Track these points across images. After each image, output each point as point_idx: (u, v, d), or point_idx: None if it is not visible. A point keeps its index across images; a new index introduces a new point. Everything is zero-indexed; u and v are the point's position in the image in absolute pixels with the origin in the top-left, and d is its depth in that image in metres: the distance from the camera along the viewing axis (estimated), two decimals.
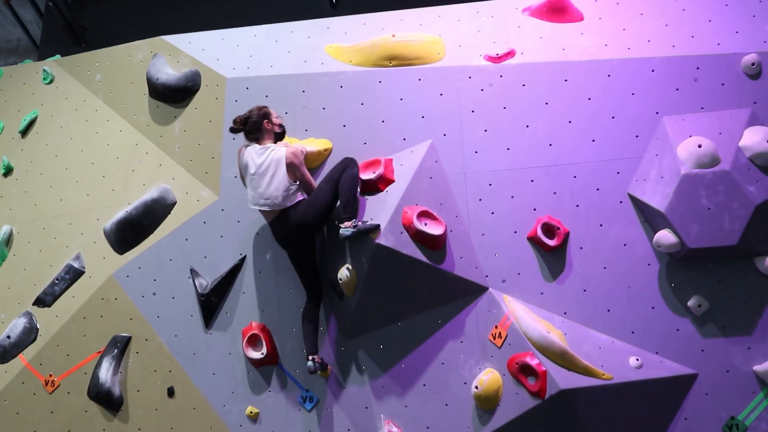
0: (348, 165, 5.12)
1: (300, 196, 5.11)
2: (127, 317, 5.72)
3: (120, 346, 5.67)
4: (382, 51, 5.64)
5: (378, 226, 4.93)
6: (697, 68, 5.22)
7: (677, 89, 5.21)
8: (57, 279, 5.93)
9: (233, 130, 5.22)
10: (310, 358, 5.11)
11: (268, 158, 5.05)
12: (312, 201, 5.06)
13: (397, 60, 5.62)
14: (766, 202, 4.74)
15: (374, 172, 5.27)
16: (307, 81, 5.70)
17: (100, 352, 5.71)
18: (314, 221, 5.05)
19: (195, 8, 8.71)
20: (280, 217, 5.06)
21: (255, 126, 5.15)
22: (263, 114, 5.18)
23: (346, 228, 4.86)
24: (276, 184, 5.01)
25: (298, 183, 5.08)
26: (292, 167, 5.03)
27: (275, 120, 5.23)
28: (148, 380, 5.63)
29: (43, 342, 5.84)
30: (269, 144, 5.15)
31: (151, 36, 6.30)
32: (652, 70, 5.28)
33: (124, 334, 5.71)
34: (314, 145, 5.51)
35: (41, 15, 9.34)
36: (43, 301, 5.94)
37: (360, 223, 4.91)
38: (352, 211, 4.99)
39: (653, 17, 5.47)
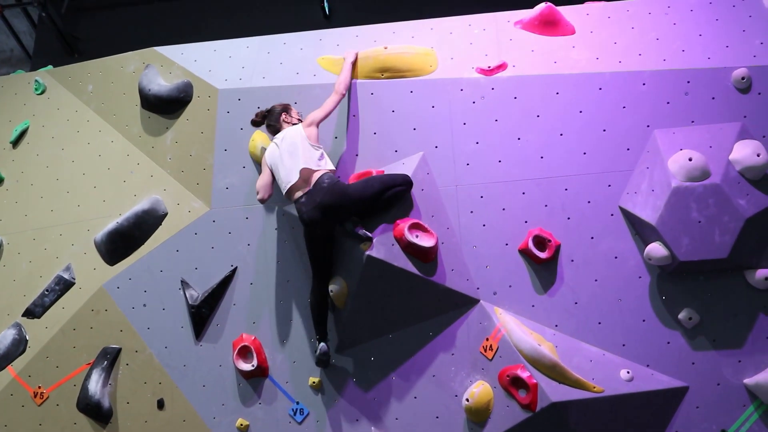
0: (404, 183, 5.13)
1: (325, 157, 5.15)
2: (117, 329, 5.69)
3: (110, 358, 5.63)
4: (375, 63, 5.65)
5: (371, 238, 4.96)
6: (688, 82, 5.24)
7: (668, 102, 5.24)
8: (47, 290, 5.89)
9: (254, 123, 5.46)
10: (320, 343, 5.15)
11: (288, 135, 5.18)
12: (356, 187, 5.05)
13: (389, 72, 5.63)
14: (756, 216, 4.76)
15: None
16: (299, 93, 5.70)
17: (89, 363, 5.67)
18: (349, 205, 4.98)
19: (187, 20, 8.73)
20: (312, 191, 4.98)
21: (274, 119, 5.35)
22: (283, 108, 5.38)
23: (348, 221, 5.02)
24: (303, 152, 5.06)
25: (322, 149, 5.16)
26: (309, 129, 5.17)
27: (294, 114, 5.40)
28: (137, 392, 5.59)
29: (33, 353, 5.80)
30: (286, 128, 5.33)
31: (143, 47, 6.29)
32: (643, 84, 5.31)
33: (114, 346, 5.67)
34: None
35: (34, 26, 9.34)
36: (32, 313, 5.90)
37: (360, 227, 4.97)
38: (364, 215, 5.11)
39: (644, 31, 5.50)
